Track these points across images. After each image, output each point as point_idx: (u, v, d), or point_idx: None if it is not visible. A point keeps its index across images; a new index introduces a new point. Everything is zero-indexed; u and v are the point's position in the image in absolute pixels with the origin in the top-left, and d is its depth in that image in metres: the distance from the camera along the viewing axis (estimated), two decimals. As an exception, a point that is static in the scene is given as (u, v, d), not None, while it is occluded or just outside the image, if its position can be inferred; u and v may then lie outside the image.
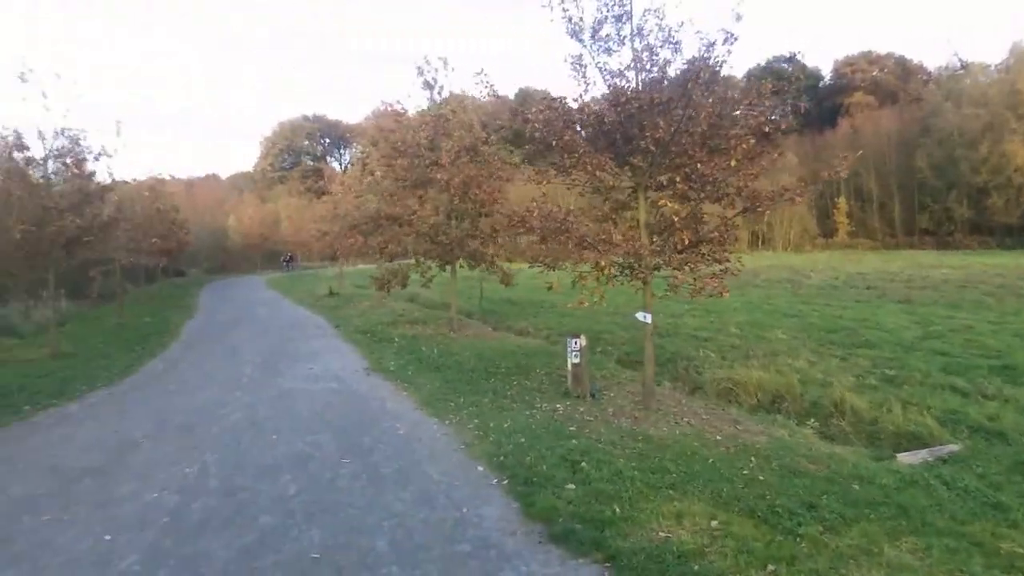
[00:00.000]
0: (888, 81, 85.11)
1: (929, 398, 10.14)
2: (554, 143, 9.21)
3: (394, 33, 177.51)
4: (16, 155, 15.60)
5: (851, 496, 6.30)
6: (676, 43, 8.93)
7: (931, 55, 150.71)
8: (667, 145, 8.64)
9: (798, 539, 5.37)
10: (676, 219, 8.95)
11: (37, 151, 16.00)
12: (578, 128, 9.25)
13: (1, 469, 7.96)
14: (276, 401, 11.03)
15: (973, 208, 59.99)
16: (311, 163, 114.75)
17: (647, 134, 8.47)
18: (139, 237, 26.32)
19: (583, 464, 7.22)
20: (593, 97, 9.36)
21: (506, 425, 8.97)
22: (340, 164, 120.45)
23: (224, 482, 7.24)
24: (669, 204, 9.01)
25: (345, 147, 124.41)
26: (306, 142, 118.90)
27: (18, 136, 15.69)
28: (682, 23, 8.99)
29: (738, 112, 8.93)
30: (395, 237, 18.58)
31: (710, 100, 8.67)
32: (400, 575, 5.08)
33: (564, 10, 9.25)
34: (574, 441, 8.12)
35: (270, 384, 12.41)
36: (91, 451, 8.56)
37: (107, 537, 5.88)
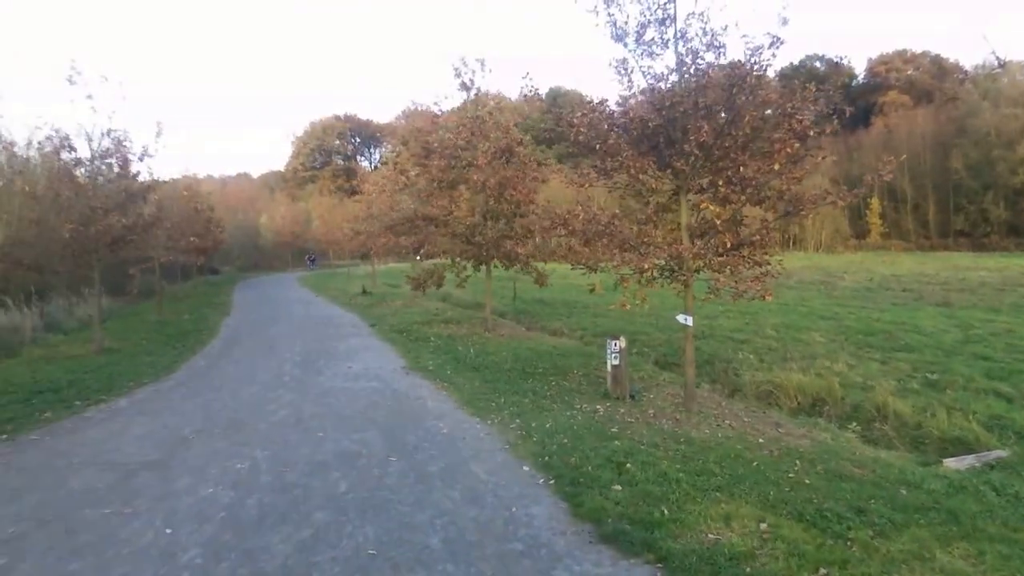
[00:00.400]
0: (923, 80, 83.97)
1: (973, 403, 10.09)
2: (597, 146, 9.29)
3: (422, 31, 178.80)
4: (64, 156, 15.95)
5: (899, 501, 6.32)
6: (720, 46, 8.99)
7: (967, 53, 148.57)
8: (710, 148, 8.69)
9: (848, 543, 5.41)
10: (718, 222, 9.00)
11: (83, 151, 16.36)
12: (622, 132, 9.27)
13: (60, 463, 8.15)
14: (319, 399, 11.19)
15: (1010, 209, 59.12)
16: (341, 162, 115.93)
17: (691, 137, 8.53)
18: (177, 236, 26.83)
19: (628, 465, 7.29)
20: (636, 100, 9.42)
21: (548, 425, 9.06)
22: (370, 163, 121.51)
23: (276, 478, 7.39)
24: (711, 207, 9.06)
25: (375, 146, 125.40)
26: (337, 141, 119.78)
27: (66, 137, 16.06)
28: (726, 26, 9.06)
29: (776, 111, 8.91)
30: (431, 237, 18.79)
31: (753, 103, 8.70)
32: (455, 572, 5.17)
33: (609, 14, 9.36)
34: (617, 442, 8.20)
35: (312, 382, 12.58)
36: (144, 446, 8.76)
37: (168, 530, 6.05)
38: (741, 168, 8.65)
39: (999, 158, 58.33)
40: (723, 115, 8.70)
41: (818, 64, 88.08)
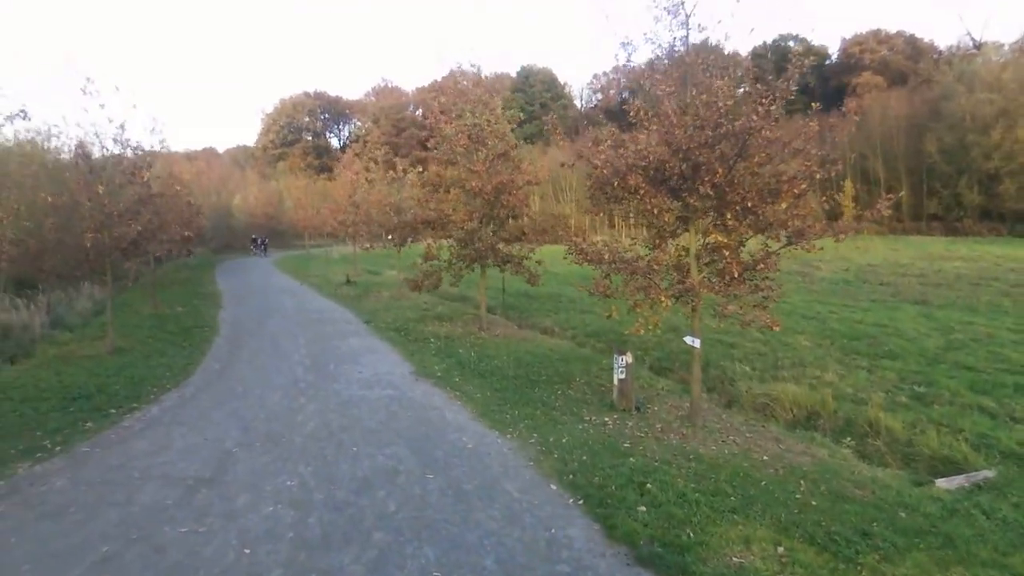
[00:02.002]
0: (897, 61, 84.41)
1: (960, 419, 10.66)
2: (616, 183, 9.87)
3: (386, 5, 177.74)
4: (81, 164, 16.26)
5: (899, 524, 7.06)
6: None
7: (942, 34, 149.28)
8: (722, 187, 9.29)
9: (859, 568, 6.14)
10: (727, 252, 9.63)
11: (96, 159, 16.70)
12: (639, 171, 9.79)
13: (119, 477, 8.64)
14: (342, 409, 11.69)
15: (984, 194, 59.69)
16: (311, 139, 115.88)
17: (705, 179, 9.13)
18: (173, 232, 27.04)
19: (648, 486, 7.95)
20: (653, 144, 9.94)
21: (564, 440, 9.72)
22: (339, 140, 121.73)
23: (328, 496, 7.94)
24: (719, 238, 9.71)
25: (344, 123, 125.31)
26: (307, 118, 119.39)
27: (82, 146, 16.41)
28: (735, 60, 9.69)
29: (784, 148, 9.48)
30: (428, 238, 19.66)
31: (762, 142, 9.26)
32: (515, 594, 5.85)
33: (628, 57, 9.99)
34: (632, 459, 8.88)
35: (329, 389, 13.08)
36: (192, 460, 9.26)
37: (246, 551, 6.61)
38: (749, 204, 9.24)
39: (973, 143, 58.68)
40: (733, 159, 9.22)
41: (792, 43, 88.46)
